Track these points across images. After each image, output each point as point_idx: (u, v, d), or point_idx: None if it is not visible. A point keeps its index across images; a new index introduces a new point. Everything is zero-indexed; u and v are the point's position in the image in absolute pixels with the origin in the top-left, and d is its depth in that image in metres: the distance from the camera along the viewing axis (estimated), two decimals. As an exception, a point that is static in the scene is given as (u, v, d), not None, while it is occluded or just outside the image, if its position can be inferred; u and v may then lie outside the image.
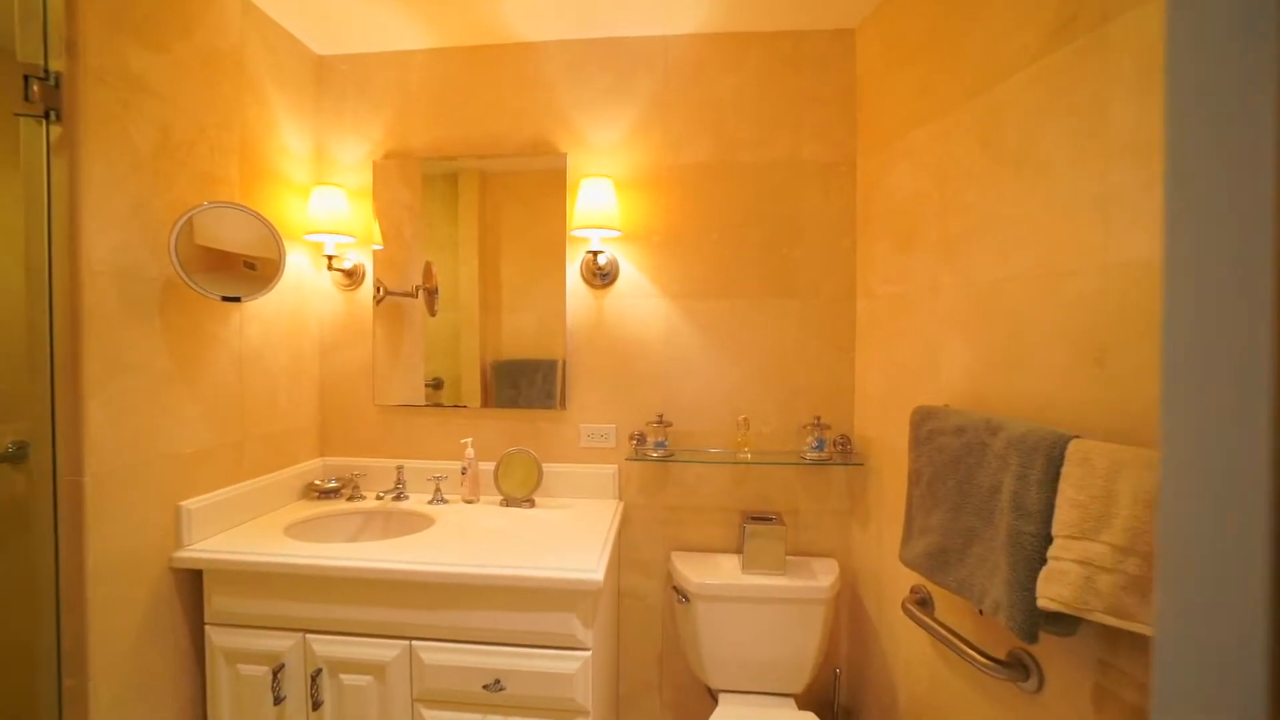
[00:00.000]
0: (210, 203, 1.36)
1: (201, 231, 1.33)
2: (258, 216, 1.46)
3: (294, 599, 1.36)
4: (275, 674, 1.35)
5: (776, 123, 1.79)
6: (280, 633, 1.37)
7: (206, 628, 1.40)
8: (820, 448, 1.70)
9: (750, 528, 1.66)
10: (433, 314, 1.90)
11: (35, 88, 1.10)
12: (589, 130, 1.83)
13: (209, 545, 1.41)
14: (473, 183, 1.86)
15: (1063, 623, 0.92)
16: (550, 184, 1.83)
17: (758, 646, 1.63)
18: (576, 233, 1.74)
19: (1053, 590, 0.87)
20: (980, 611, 1.11)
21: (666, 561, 1.82)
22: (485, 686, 1.29)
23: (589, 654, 1.31)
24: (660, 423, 1.76)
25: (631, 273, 1.84)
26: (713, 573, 1.66)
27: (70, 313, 1.15)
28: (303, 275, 1.84)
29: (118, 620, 1.24)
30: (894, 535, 1.55)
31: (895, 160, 1.57)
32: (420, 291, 1.89)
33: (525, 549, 1.42)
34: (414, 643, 1.34)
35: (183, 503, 1.38)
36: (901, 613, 1.41)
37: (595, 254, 1.77)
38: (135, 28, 1.24)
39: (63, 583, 1.17)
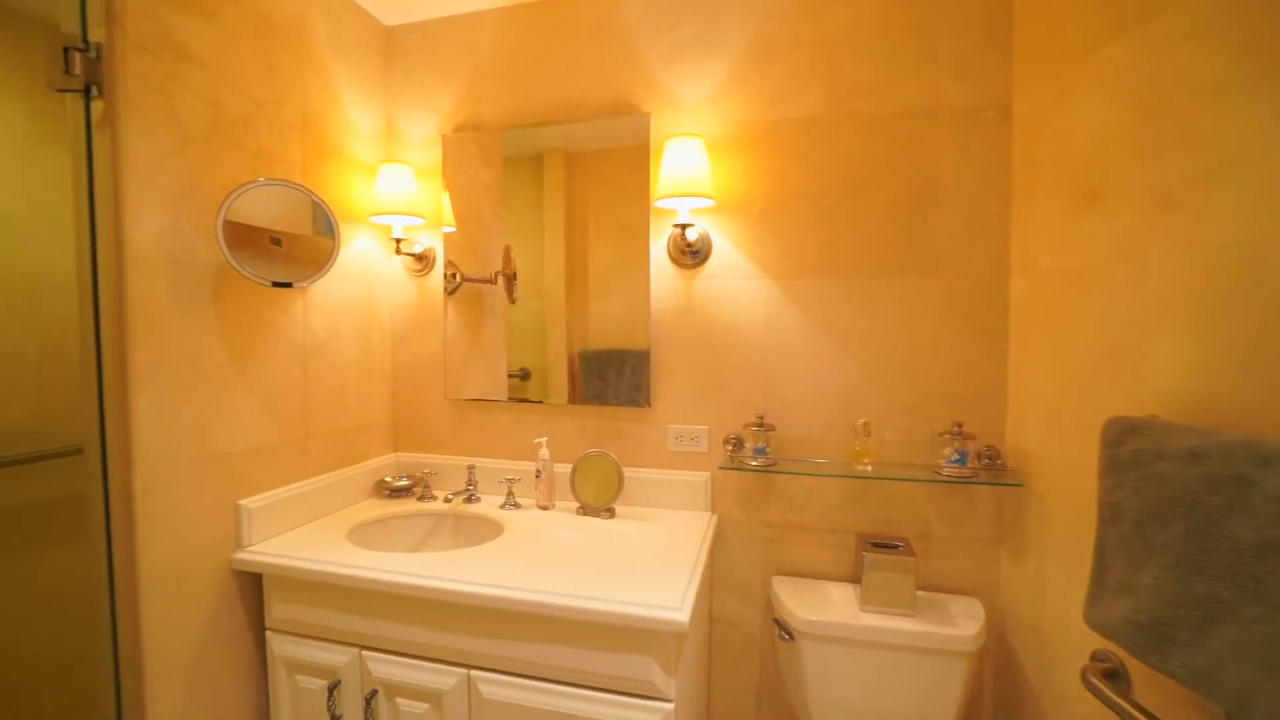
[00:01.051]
0: (265, 179, 1.26)
1: (243, 210, 1.22)
2: (309, 193, 1.35)
3: (350, 612, 1.25)
4: (331, 691, 1.25)
5: (904, 61, 1.45)
6: (338, 646, 1.27)
7: (267, 633, 1.32)
8: (961, 461, 1.37)
9: (871, 557, 1.36)
10: (512, 301, 1.74)
11: (75, 60, 1.02)
12: (675, 85, 1.58)
13: (268, 547, 1.32)
14: (558, 163, 1.68)
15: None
16: (636, 157, 1.60)
17: (878, 700, 1.34)
18: (661, 203, 1.51)
19: None
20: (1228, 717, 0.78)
21: (766, 587, 1.56)
22: (549, 734, 1.11)
23: (671, 707, 1.09)
24: (761, 426, 1.49)
25: (726, 249, 1.58)
26: (823, 606, 1.39)
27: (116, 301, 1.07)
28: (371, 262, 1.74)
29: (176, 624, 1.18)
30: (1064, 578, 1.20)
31: (1074, 90, 1.19)
32: (499, 278, 1.74)
33: (599, 571, 1.22)
34: (472, 672, 1.18)
35: (242, 501, 1.31)
36: (1079, 682, 1.07)
37: (683, 228, 1.52)
38: (178, -9, 1.15)
39: (118, 586, 1.11)
